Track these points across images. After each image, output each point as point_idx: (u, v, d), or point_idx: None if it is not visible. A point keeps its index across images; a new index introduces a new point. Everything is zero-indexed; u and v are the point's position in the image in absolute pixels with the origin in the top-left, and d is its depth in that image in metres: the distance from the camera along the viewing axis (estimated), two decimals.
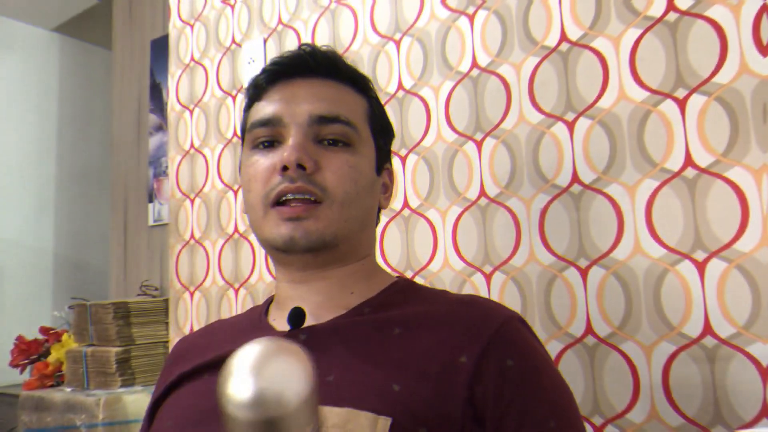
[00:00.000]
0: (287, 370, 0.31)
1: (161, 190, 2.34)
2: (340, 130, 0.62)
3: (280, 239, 0.59)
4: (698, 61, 0.76)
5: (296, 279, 0.64)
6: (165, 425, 0.61)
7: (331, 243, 0.60)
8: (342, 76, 0.66)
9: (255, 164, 0.62)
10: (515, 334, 0.57)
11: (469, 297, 0.63)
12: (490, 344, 0.55)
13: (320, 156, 0.60)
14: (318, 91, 0.64)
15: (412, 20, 1.05)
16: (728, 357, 0.71)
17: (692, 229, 0.75)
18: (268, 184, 0.60)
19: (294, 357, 0.32)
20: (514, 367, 0.54)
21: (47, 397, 1.61)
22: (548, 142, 0.88)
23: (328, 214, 0.59)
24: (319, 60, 0.65)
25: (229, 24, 1.38)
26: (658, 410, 0.75)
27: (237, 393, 0.30)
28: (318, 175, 0.59)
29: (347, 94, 0.66)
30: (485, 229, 0.94)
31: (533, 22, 0.91)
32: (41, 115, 3.07)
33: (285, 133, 0.61)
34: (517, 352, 0.55)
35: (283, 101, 0.63)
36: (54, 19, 3.05)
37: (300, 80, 0.65)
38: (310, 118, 0.61)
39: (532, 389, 0.54)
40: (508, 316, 0.59)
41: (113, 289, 2.52)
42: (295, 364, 0.32)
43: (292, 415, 0.31)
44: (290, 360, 0.32)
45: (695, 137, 0.75)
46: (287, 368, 0.31)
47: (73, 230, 3.11)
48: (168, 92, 1.65)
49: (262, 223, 0.61)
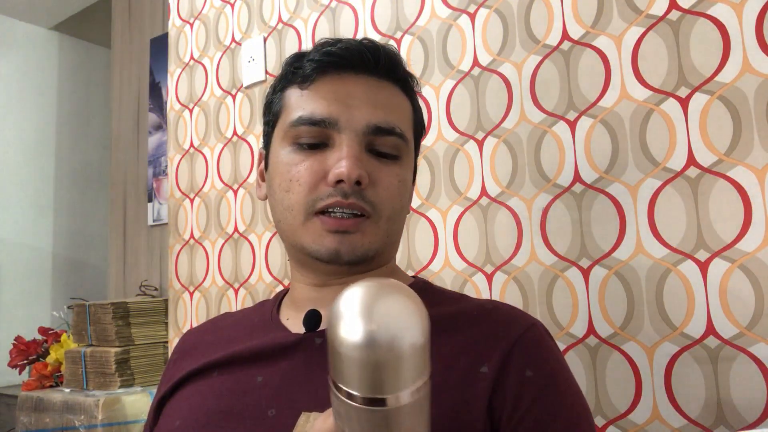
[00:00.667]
0: (403, 313, 0.30)
1: (160, 189, 2.34)
2: (394, 143, 0.59)
3: (325, 252, 0.56)
4: (701, 60, 0.75)
5: (318, 283, 0.62)
6: (173, 425, 0.59)
7: (373, 257, 0.59)
8: (397, 79, 0.62)
9: (299, 165, 0.58)
10: (536, 343, 0.56)
11: (490, 303, 0.61)
12: (511, 354, 0.53)
13: (373, 169, 0.57)
14: (376, 95, 0.59)
15: (413, 19, 1.05)
16: (731, 357, 0.71)
17: (694, 229, 0.74)
18: (315, 192, 0.57)
19: (412, 302, 0.31)
20: (533, 377, 0.53)
21: (46, 397, 1.61)
22: (550, 141, 0.87)
23: (374, 230, 0.57)
24: (381, 59, 0.60)
25: (228, 23, 1.37)
26: (660, 411, 0.75)
27: (348, 335, 0.29)
28: (370, 191, 0.57)
29: (401, 101, 0.62)
30: (486, 229, 0.93)
31: (535, 20, 0.91)
32: (40, 114, 3.06)
33: (337, 137, 0.57)
34: (536, 362, 0.54)
35: (339, 102, 0.58)
36: (53, 17, 3.05)
37: (354, 77, 0.59)
38: (368, 127, 0.57)
39: (550, 401, 0.52)
40: (529, 324, 0.57)
41: (112, 289, 2.52)
42: (412, 309, 0.30)
43: (406, 360, 0.29)
44: (407, 303, 0.30)
45: (697, 136, 0.75)
46: (403, 311, 0.30)
47: (72, 230, 3.11)
48: (167, 91, 1.64)
49: (300, 229, 0.58)
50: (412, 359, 0.30)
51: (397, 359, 0.29)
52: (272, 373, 0.57)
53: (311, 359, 0.56)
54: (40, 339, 1.99)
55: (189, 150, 1.43)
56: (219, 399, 0.58)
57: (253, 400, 0.56)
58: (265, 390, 0.56)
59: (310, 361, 0.56)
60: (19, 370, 1.98)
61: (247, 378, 0.58)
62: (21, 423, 1.65)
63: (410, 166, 0.63)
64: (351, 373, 0.29)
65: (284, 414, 0.53)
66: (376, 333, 0.29)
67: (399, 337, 0.29)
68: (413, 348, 0.29)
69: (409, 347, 0.29)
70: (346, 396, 0.29)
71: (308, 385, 0.55)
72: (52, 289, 3.00)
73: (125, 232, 2.50)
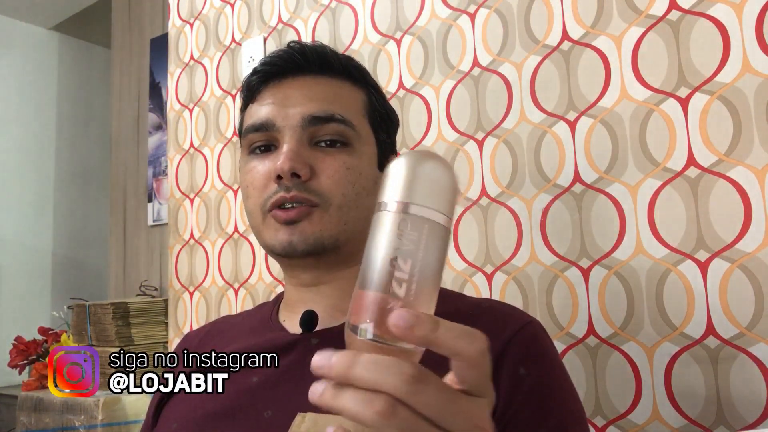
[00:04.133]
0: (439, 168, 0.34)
1: (160, 189, 2.34)
2: (336, 129, 0.60)
3: (279, 245, 0.58)
4: (700, 60, 0.75)
5: (303, 282, 0.63)
6: (170, 427, 0.60)
7: (332, 246, 0.59)
8: (335, 71, 0.64)
9: (252, 171, 0.61)
10: (530, 341, 0.56)
11: (487, 302, 0.62)
12: (505, 351, 0.53)
13: (315, 160, 0.59)
14: (310, 90, 0.62)
15: (413, 19, 1.05)
16: (731, 358, 0.71)
17: (694, 229, 0.74)
18: (265, 192, 0.60)
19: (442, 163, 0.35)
20: (526, 376, 0.53)
21: (46, 397, 1.61)
22: (550, 141, 0.87)
23: (324, 217, 0.58)
24: (309, 56, 0.63)
25: (228, 23, 1.37)
26: (660, 411, 0.75)
27: (440, 162, 0.34)
28: (314, 182, 0.58)
29: (342, 90, 0.64)
30: (486, 229, 0.93)
31: (534, 20, 0.91)
32: (40, 114, 3.06)
33: (279, 137, 0.60)
34: (530, 360, 0.54)
35: (276, 104, 0.61)
36: (53, 17, 3.05)
37: (291, 80, 0.63)
38: (303, 119, 0.59)
39: (542, 400, 0.53)
40: (525, 322, 0.57)
41: (112, 289, 2.52)
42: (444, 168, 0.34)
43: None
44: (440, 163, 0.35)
45: (697, 137, 0.75)
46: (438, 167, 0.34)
47: (72, 230, 3.11)
48: (167, 91, 1.64)
49: (261, 229, 0.61)
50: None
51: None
52: (268, 373, 0.57)
53: (307, 359, 0.57)
54: (40, 339, 1.99)
55: (189, 150, 1.43)
56: (215, 400, 0.58)
57: (249, 401, 0.56)
58: (261, 391, 0.56)
59: (306, 361, 0.57)
60: (19, 370, 1.97)
61: (243, 379, 0.58)
62: (21, 423, 1.65)
63: (366, 154, 0.63)
64: (440, 194, 0.33)
65: (280, 415, 0.53)
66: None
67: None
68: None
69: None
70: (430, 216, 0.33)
71: (304, 386, 0.55)
72: (52, 289, 3.00)
73: (125, 232, 2.50)
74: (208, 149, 1.39)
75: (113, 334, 1.67)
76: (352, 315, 0.32)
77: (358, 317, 0.32)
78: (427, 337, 0.29)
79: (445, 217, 0.33)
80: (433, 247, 0.32)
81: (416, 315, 0.29)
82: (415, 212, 0.32)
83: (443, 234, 0.33)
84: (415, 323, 0.29)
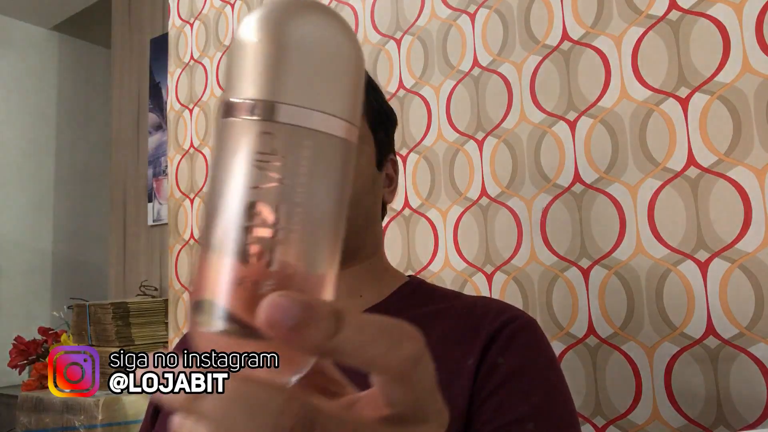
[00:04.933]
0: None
1: (160, 189, 2.33)
2: None
3: None
4: (700, 60, 0.75)
5: None
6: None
7: None
8: None
9: None
10: (514, 334, 0.56)
11: (482, 300, 0.62)
12: (489, 344, 0.54)
13: None
14: None
15: (413, 19, 1.05)
16: (731, 358, 0.71)
17: (694, 229, 0.74)
18: None
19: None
20: (504, 365, 0.53)
21: (46, 397, 1.61)
22: (550, 141, 0.87)
23: None
24: None
25: (228, 23, 1.37)
26: (660, 411, 0.75)
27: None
28: None
29: None
30: (486, 229, 0.93)
31: (534, 20, 0.91)
32: (40, 114, 3.06)
33: None
34: (510, 350, 0.54)
35: None
36: (53, 17, 3.05)
37: None
38: None
39: (515, 388, 0.52)
40: (514, 316, 0.57)
41: (112, 289, 2.52)
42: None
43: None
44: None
45: (697, 137, 0.75)
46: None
47: (71, 230, 3.10)
48: (167, 91, 1.64)
49: None
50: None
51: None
52: None
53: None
54: (40, 339, 1.99)
55: (189, 150, 1.43)
56: None
57: None
58: None
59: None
60: (19, 370, 1.97)
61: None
62: (21, 423, 1.65)
63: (364, 153, 0.62)
64: (333, 79, 0.21)
65: None
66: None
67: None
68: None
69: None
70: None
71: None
72: (52, 289, 3.00)
73: (125, 232, 2.50)
74: (208, 149, 1.39)
75: (113, 334, 1.67)
76: (194, 287, 0.21)
77: (200, 292, 0.20)
78: (319, 343, 0.18)
79: (343, 122, 0.20)
80: (323, 177, 0.20)
81: (299, 304, 0.18)
82: (286, 119, 0.19)
83: (342, 152, 0.21)
84: (299, 319, 0.18)
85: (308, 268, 0.20)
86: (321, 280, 0.21)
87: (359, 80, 0.22)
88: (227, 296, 0.19)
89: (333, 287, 0.21)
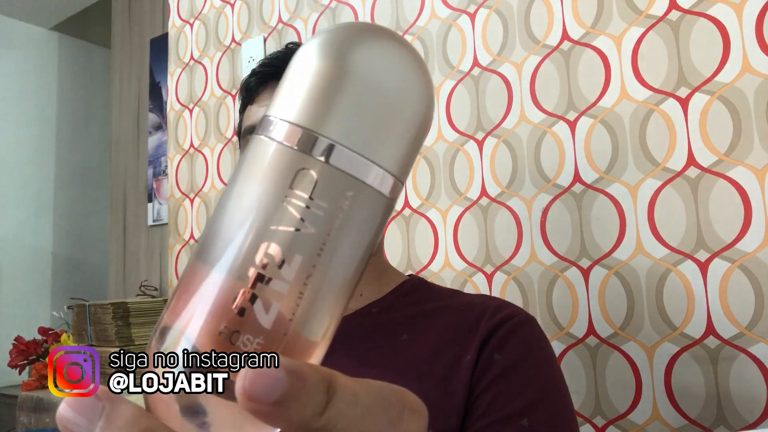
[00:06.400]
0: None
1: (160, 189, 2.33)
2: None
3: None
4: (700, 60, 0.75)
5: None
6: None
7: None
8: None
9: None
10: (512, 330, 0.56)
11: (480, 297, 0.62)
12: (486, 341, 0.55)
13: None
14: None
15: (413, 19, 1.05)
16: (731, 358, 0.71)
17: (694, 229, 0.74)
18: None
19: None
20: (499, 360, 0.54)
21: (46, 397, 1.61)
22: (549, 141, 0.87)
23: None
24: None
25: (228, 23, 1.37)
26: (660, 411, 0.75)
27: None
28: None
29: None
30: (486, 229, 0.93)
31: (534, 20, 0.91)
32: (40, 114, 3.06)
33: None
34: (506, 346, 0.55)
35: None
36: (53, 17, 3.05)
37: None
38: None
39: (510, 383, 0.53)
40: (512, 312, 0.58)
41: (112, 289, 2.51)
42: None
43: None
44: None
45: (697, 137, 0.75)
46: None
47: (71, 230, 3.10)
48: (167, 91, 1.64)
49: None
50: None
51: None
52: None
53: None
54: (40, 339, 1.99)
55: (189, 150, 1.43)
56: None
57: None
58: None
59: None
60: (19, 370, 1.97)
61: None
62: (21, 423, 1.65)
63: None
64: (398, 129, 0.19)
65: None
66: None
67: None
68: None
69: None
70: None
71: None
72: (52, 289, 3.00)
73: (125, 232, 2.50)
74: (208, 149, 1.39)
75: (113, 334, 1.67)
76: (173, 302, 0.18)
77: (175, 315, 0.18)
78: (306, 420, 0.15)
79: (395, 180, 0.18)
80: (354, 236, 0.17)
81: (290, 373, 0.15)
82: (338, 163, 0.16)
83: (383, 212, 0.18)
84: (287, 391, 0.14)
85: (304, 334, 0.17)
86: (313, 347, 0.17)
87: (424, 133, 0.19)
88: (201, 340, 0.16)
89: (322, 357, 0.18)
